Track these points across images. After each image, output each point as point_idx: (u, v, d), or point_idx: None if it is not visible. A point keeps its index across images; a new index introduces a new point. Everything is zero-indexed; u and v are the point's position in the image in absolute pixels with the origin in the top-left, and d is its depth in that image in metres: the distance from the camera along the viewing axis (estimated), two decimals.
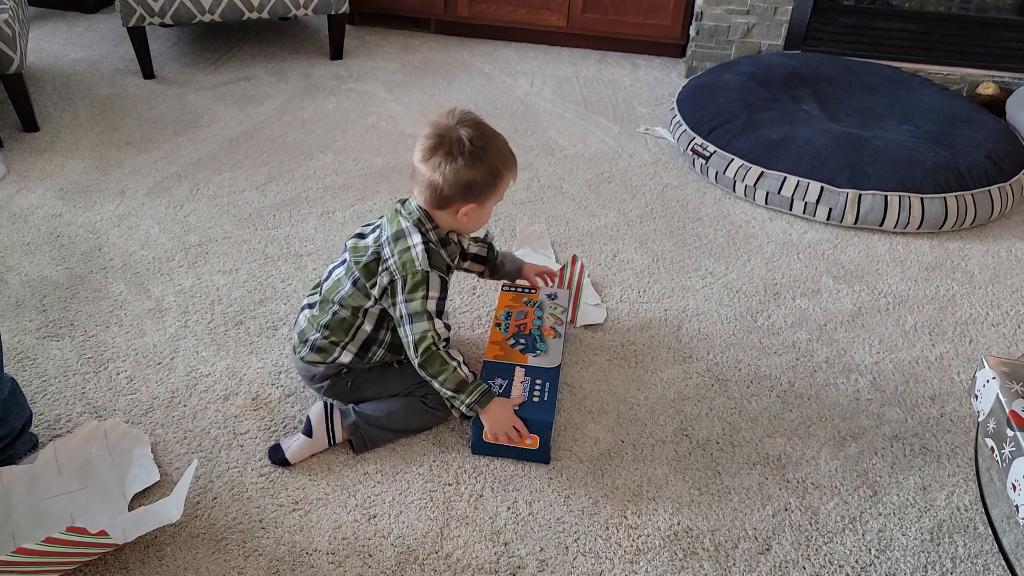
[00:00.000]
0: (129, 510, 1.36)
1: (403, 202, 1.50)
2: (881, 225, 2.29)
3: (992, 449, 1.10)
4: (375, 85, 3.09)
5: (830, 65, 2.96)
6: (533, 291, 1.79)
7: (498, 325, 1.69)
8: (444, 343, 1.44)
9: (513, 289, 1.80)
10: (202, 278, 1.97)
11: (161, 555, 1.31)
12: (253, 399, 1.63)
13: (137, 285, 1.92)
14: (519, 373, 1.56)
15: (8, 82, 2.47)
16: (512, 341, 1.65)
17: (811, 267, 2.15)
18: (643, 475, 1.50)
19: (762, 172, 2.39)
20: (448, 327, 1.47)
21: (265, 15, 3.02)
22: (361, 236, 1.53)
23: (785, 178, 2.35)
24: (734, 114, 2.59)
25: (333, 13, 3.13)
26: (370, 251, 1.47)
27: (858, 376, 1.77)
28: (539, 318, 1.71)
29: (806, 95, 2.78)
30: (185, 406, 1.60)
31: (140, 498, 1.39)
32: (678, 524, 1.41)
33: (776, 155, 2.40)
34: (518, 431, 1.47)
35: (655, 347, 1.83)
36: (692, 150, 2.59)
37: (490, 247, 1.73)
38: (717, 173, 2.49)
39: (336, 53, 3.27)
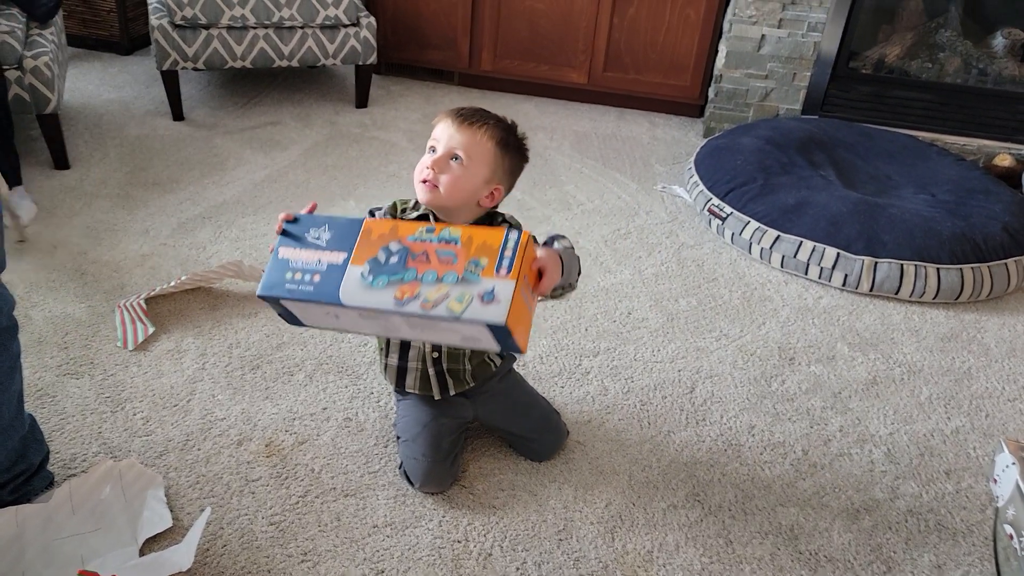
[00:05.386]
0: (140, 555, 1.36)
1: None
2: (897, 293, 2.30)
3: (1011, 536, 1.09)
4: (397, 134, 3.14)
5: (847, 131, 3.00)
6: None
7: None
8: None
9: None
10: (221, 321, 1.99)
11: None
12: (266, 445, 1.63)
13: (157, 325, 1.95)
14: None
15: (43, 121, 2.54)
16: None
17: (826, 333, 2.15)
18: (654, 541, 1.49)
19: (778, 236, 2.41)
20: None
21: (295, 63, 3.10)
22: None
23: (801, 242, 2.37)
24: (751, 177, 2.63)
25: (361, 64, 3.21)
26: None
27: (872, 447, 1.77)
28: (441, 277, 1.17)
29: (823, 161, 2.81)
30: (199, 450, 1.61)
31: (151, 543, 1.39)
32: None
33: (792, 219, 2.42)
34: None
35: (668, 408, 1.83)
36: (709, 210, 2.62)
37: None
38: (733, 234, 2.52)
39: (361, 102, 3.34)
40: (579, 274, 1.39)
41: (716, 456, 1.70)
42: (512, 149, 1.44)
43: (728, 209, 2.55)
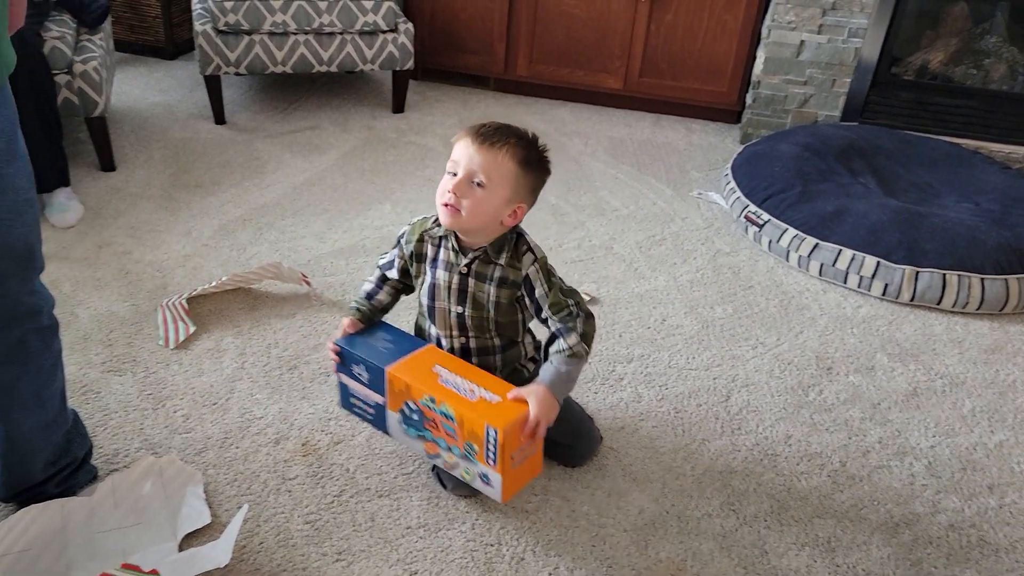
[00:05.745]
0: (179, 550, 1.38)
1: None
2: (939, 304, 2.26)
3: None
4: (434, 139, 3.17)
5: (888, 139, 2.95)
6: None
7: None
8: (364, 298, 1.60)
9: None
10: (260, 321, 2.02)
11: None
12: (303, 444, 1.65)
13: (198, 324, 1.98)
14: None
15: (91, 124, 2.60)
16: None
17: (865, 343, 2.12)
18: (687, 549, 1.48)
19: (816, 243, 2.38)
20: (375, 296, 1.60)
21: (334, 69, 3.14)
22: None
23: (840, 251, 2.34)
24: (789, 183, 2.60)
25: (398, 69, 3.24)
26: None
27: (913, 460, 1.73)
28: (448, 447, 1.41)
29: (863, 168, 2.78)
30: (237, 448, 1.64)
31: (190, 538, 1.42)
32: None
33: (831, 227, 2.39)
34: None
35: (703, 417, 1.82)
36: (745, 217, 2.59)
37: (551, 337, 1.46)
38: (770, 242, 2.49)
39: (398, 107, 3.37)
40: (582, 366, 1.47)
41: (751, 466, 1.69)
42: (534, 165, 1.41)
43: (765, 216, 2.53)
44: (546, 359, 1.45)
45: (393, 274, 1.57)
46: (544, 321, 1.46)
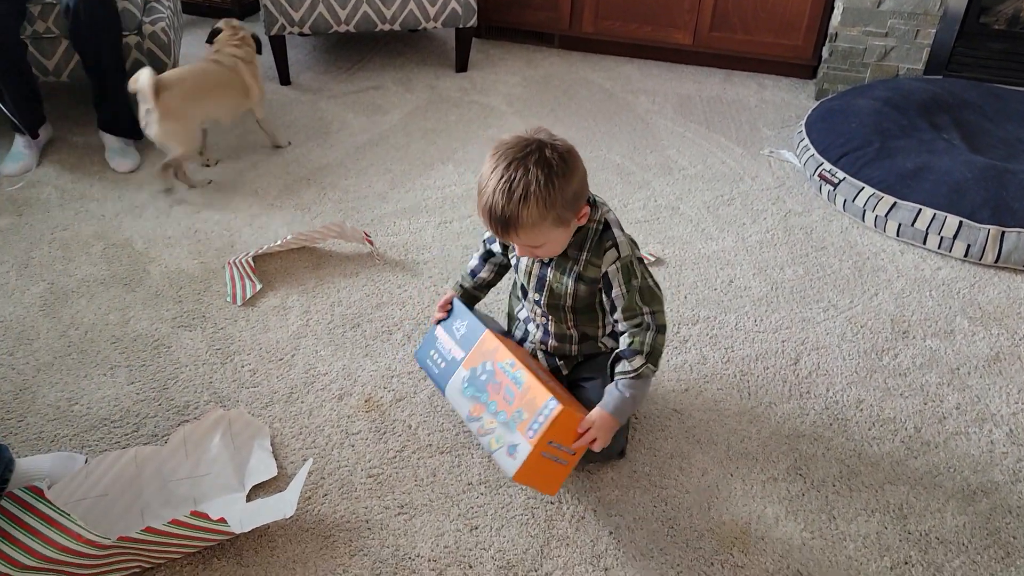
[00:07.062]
0: (247, 500, 1.42)
1: None
2: None
3: None
4: (497, 98, 3.13)
5: (975, 92, 2.79)
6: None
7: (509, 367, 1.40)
8: (468, 274, 1.62)
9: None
10: (324, 280, 2.04)
11: (272, 546, 1.36)
12: (366, 401, 1.67)
13: (264, 282, 2.02)
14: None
15: None
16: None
17: (944, 306, 2.02)
18: (752, 512, 1.45)
19: (895, 202, 2.27)
20: (478, 274, 1.61)
21: (396, 27, 3.12)
22: None
23: (920, 210, 2.23)
24: (867, 140, 2.48)
25: (462, 27, 3.20)
26: None
27: (993, 427, 1.66)
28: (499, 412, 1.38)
29: (947, 123, 2.63)
30: (302, 402, 1.67)
31: (257, 490, 1.46)
32: (787, 567, 1.35)
33: (911, 185, 2.28)
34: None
35: (770, 380, 1.77)
36: (819, 176, 2.49)
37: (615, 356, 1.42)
38: (845, 201, 2.39)
39: (462, 66, 3.34)
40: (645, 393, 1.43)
41: (820, 430, 1.64)
42: (562, 177, 1.25)
43: (840, 174, 2.42)
44: (611, 378, 1.41)
45: (496, 248, 1.57)
46: (614, 322, 1.43)
